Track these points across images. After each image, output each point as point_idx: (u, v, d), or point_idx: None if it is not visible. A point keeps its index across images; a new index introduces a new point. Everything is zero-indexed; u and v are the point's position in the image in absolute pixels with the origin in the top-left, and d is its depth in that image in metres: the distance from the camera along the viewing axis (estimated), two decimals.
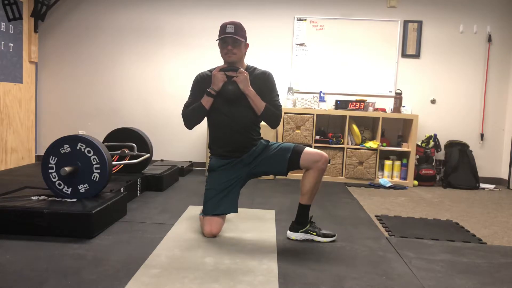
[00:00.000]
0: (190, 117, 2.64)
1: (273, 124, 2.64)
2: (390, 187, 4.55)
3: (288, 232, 2.62)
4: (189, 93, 2.73)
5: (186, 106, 2.67)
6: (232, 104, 2.56)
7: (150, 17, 5.15)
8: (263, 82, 2.61)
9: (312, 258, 2.30)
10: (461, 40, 5.00)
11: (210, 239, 2.52)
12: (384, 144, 4.81)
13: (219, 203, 2.57)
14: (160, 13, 5.13)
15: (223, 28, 2.54)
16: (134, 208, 3.17)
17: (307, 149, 2.54)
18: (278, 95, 2.67)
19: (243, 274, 2.03)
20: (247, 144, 2.61)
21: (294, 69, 5.09)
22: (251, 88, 2.53)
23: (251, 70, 2.64)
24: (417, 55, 5.02)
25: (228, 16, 5.06)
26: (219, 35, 2.54)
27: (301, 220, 2.59)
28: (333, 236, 2.62)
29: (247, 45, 2.62)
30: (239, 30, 2.53)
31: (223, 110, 2.58)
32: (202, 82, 2.64)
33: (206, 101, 2.57)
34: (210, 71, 2.65)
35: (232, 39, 2.51)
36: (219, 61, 2.65)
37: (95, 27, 5.19)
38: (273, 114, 2.59)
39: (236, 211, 2.62)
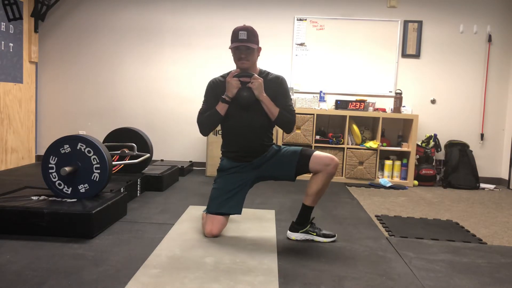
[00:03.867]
0: (206, 124, 2.62)
1: (287, 129, 2.64)
2: (390, 187, 4.54)
3: (288, 232, 2.62)
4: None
5: (201, 113, 2.64)
6: (246, 110, 2.55)
7: (150, 17, 5.15)
8: (277, 87, 2.60)
9: (312, 258, 2.30)
10: (461, 40, 5.00)
11: (210, 239, 2.52)
12: (384, 144, 4.81)
13: (224, 203, 2.57)
14: (161, 13, 5.14)
15: (235, 34, 2.50)
16: (134, 208, 3.17)
17: (317, 152, 2.54)
18: (291, 99, 2.66)
19: (243, 274, 2.03)
20: (259, 149, 2.62)
21: (294, 69, 5.09)
22: (265, 94, 2.52)
23: (264, 74, 2.63)
24: (417, 55, 5.02)
25: (228, 16, 5.07)
26: (232, 41, 2.52)
27: (302, 221, 2.59)
28: (333, 236, 2.62)
29: (259, 49, 2.60)
30: (252, 35, 2.50)
31: (238, 116, 2.57)
32: (215, 88, 2.62)
33: (221, 108, 2.55)
34: (223, 76, 2.64)
35: (245, 47, 2.49)
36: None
37: (95, 27, 5.19)
38: (287, 120, 2.59)
39: (239, 213, 2.61)
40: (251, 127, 2.58)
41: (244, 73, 2.53)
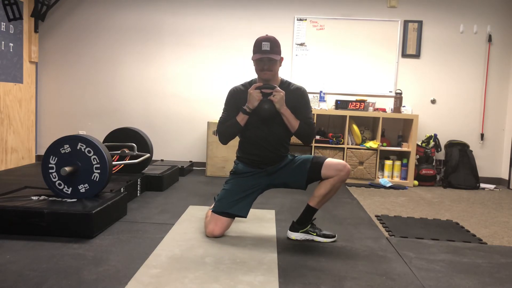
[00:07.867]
0: (226, 133, 2.61)
1: (306, 141, 2.62)
2: (390, 187, 4.54)
3: (289, 232, 2.62)
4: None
5: (221, 122, 2.63)
6: (267, 122, 2.54)
7: (150, 17, 5.15)
8: (298, 99, 2.58)
9: (312, 258, 2.30)
10: (461, 40, 5.00)
11: (210, 239, 2.52)
12: (384, 144, 4.81)
13: (232, 204, 2.57)
14: (161, 13, 5.13)
15: (258, 45, 2.49)
16: (134, 208, 3.17)
17: (330, 159, 2.55)
18: (311, 111, 2.64)
19: (243, 274, 2.03)
20: (275, 159, 2.62)
21: (294, 69, 5.09)
22: (286, 107, 2.51)
23: (285, 85, 2.61)
24: (417, 55, 5.02)
25: (228, 16, 5.07)
26: (254, 52, 2.50)
27: (303, 221, 2.59)
28: (333, 236, 2.62)
29: (281, 59, 2.58)
30: (275, 46, 2.49)
31: (257, 128, 2.56)
32: (236, 97, 2.61)
33: (241, 119, 2.54)
34: (244, 85, 2.63)
35: (267, 59, 2.48)
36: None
37: (95, 27, 5.19)
38: (307, 132, 2.58)
39: (245, 216, 2.60)
40: (270, 138, 2.57)
41: (266, 85, 2.50)
